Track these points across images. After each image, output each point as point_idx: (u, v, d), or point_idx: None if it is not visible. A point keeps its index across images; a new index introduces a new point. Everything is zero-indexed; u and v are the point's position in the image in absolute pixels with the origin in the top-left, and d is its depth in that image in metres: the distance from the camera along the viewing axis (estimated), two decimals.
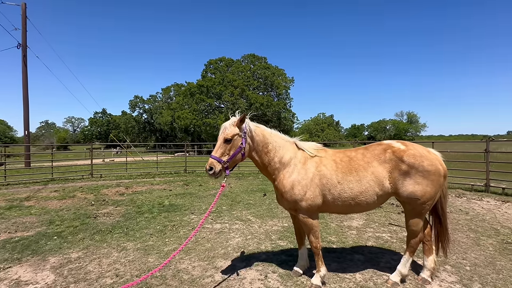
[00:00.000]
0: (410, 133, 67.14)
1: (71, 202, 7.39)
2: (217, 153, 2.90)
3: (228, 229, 5.14)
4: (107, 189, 9.40)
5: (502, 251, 4.03)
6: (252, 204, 7.07)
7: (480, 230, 4.93)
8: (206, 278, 3.34)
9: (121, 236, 4.80)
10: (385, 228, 5.09)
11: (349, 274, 3.37)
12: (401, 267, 3.12)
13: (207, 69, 41.38)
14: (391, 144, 3.07)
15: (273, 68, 40.17)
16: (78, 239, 4.63)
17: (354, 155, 3.09)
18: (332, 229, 5.05)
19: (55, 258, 3.93)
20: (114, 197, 8.12)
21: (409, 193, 2.85)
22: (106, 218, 5.89)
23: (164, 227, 5.25)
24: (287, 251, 4.10)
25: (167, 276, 3.40)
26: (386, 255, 3.93)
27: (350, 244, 4.33)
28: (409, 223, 3.02)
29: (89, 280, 3.31)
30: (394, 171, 2.90)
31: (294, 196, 2.94)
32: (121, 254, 4.06)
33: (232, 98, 35.58)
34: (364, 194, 2.90)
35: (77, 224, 5.44)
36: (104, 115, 71.64)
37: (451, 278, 3.28)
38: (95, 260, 3.85)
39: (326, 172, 2.97)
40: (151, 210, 6.46)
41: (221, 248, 4.23)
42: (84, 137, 69.27)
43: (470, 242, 4.38)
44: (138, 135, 56.25)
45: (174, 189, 9.40)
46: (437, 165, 2.88)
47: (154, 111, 53.42)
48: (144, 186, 9.93)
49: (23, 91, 15.80)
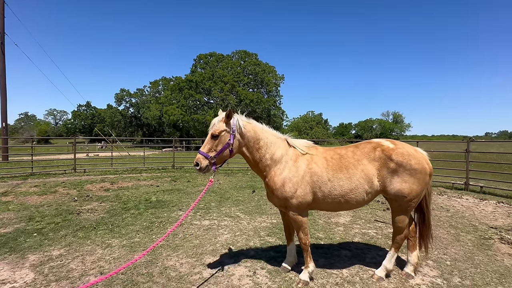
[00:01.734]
0: (395, 132, 69.05)
1: (53, 198, 7.11)
2: (204, 148, 2.89)
3: (216, 225, 5.10)
4: (91, 184, 9.11)
5: (480, 246, 4.22)
6: (241, 200, 7.05)
7: (460, 227, 5.14)
8: (194, 275, 3.30)
9: (105, 232, 4.66)
10: (371, 225, 5.21)
11: (336, 269, 3.43)
12: (387, 262, 3.21)
13: (196, 64, 40.75)
14: (380, 143, 3.12)
15: (263, 65, 40.06)
16: (60, 236, 4.46)
17: (345, 153, 3.12)
18: (320, 225, 5.12)
19: (35, 255, 3.77)
20: (99, 192, 7.88)
21: (396, 191, 2.91)
22: (90, 214, 5.70)
23: (151, 224, 5.15)
24: (275, 247, 4.12)
25: (154, 273, 3.33)
26: (372, 250, 4.02)
27: (337, 240, 4.41)
28: (395, 219, 3.09)
29: (72, 278, 3.20)
30: (382, 169, 2.95)
31: (284, 193, 2.94)
32: (106, 251, 3.95)
33: (222, 94, 35.25)
34: (354, 192, 2.94)
35: (58, 220, 5.24)
36: (88, 108, 69.19)
37: (433, 272, 3.40)
38: (78, 258, 3.72)
39: (317, 169, 2.99)
40: (137, 206, 6.31)
41: (210, 245, 4.19)
42: (67, 130, 66.71)
43: (451, 238, 4.57)
44: (124, 129, 54.73)
45: (162, 185, 9.23)
46: (423, 164, 2.96)
47: (141, 105, 52.14)
48: (130, 182, 9.70)
49: (1, 80, 14.96)
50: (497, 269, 3.50)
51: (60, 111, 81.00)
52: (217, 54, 40.60)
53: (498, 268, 3.52)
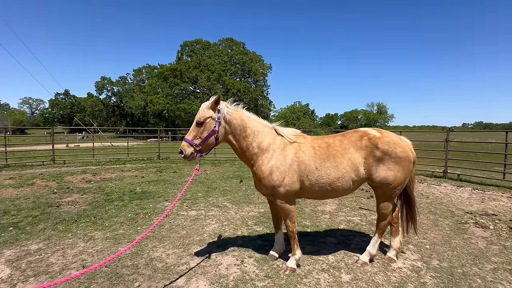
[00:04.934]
0: (379, 123, 70.84)
1: (30, 190, 6.77)
2: (189, 136, 2.83)
3: (204, 215, 5.06)
4: (71, 176, 8.75)
5: (457, 230, 4.45)
6: (228, 190, 7.02)
7: (439, 212, 5.38)
8: (181, 265, 3.27)
9: (88, 225, 4.51)
10: (356, 212, 5.35)
11: (323, 256, 3.51)
12: (370, 247, 3.31)
13: (182, 51, 39.47)
14: (367, 132, 3.15)
15: (251, 54, 39.45)
16: (38, 230, 4.27)
17: (332, 141, 3.13)
18: (307, 213, 5.20)
19: (10, 250, 3.59)
20: (80, 184, 7.59)
21: (381, 178, 2.97)
22: (70, 207, 5.49)
23: (136, 215, 5.03)
24: (263, 236, 4.15)
25: (140, 265, 3.26)
26: (357, 237, 4.14)
27: (324, 228, 4.49)
28: (379, 206, 3.17)
29: (52, 273, 3.07)
30: (369, 157, 2.99)
31: (272, 182, 2.92)
32: (88, 244, 3.82)
33: (209, 83, 34.53)
34: (340, 180, 2.97)
35: (36, 213, 5.01)
36: (67, 97, 65.77)
37: (414, 256, 3.55)
38: (59, 251, 3.58)
39: (304, 158, 2.98)
40: (121, 198, 6.14)
41: (197, 235, 4.16)
42: (44, 120, 63.27)
43: (430, 223, 4.78)
44: (107, 119, 52.75)
45: (147, 176, 9.02)
46: (408, 152, 3.02)
47: (124, 94, 50.27)
48: (113, 173, 9.40)
49: None
50: (472, 251, 3.71)
51: (36, 100, 76.53)
52: (203, 42, 39.44)
53: (473, 250, 3.72)
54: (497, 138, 21.19)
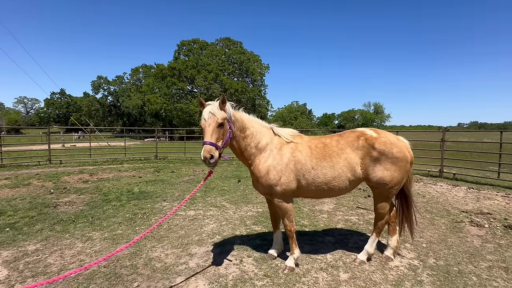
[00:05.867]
0: (376, 123, 71.25)
1: (26, 191, 6.72)
2: (212, 139, 2.68)
3: (202, 215, 5.07)
4: (68, 176, 8.69)
5: (452, 229, 4.51)
6: (226, 190, 7.03)
7: (435, 211, 5.45)
8: (180, 265, 3.27)
9: (85, 225, 4.49)
10: (353, 211, 5.39)
11: (321, 255, 3.53)
12: (368, 246, 3.34)
13: (179, 50, 39.28)
14: (364, 132, 3.18)
15: (248, 54, 39.41)
16: (36, 230, 4.24)
17: (329, 141, 3.16)
18: (305, 213, 5.23)
19: (8, 251, 3.56)
20: (77, 184, 7.55)
21: (378, 178, 3.00)
22: (68, 207, 5.46)
23: (134, 215, 5.01)
24: (261, 235, 4.16)
25: (138, 265, 3.26)
26: (354, 236, 4.17)
27: (322, 227, 4.53)
28: (377, 206, 3.20)
29: (50, 274, 3.06)
30: (365, 158, 3.02)
31: (269, 181, 2.95)
32: (86, 244, 3.80)
33: (206, 83, 34.44)
34: (337, 180, 3.00)
35: (33, 214, 4.97)
36: (62, 96, 65.16)
37: (410, 254, 3.59)
38: (56, 252, 3.56)
39: (301, 157, 3.02)
40: (119, 198, 6.12)
41: (195, 235, 4.16)
42: (40, 119, 62.63)
43: (426, 222, 4.83)
44: (103, 119, 52.34)
45: (144, 176, 8.99)
46: (405, 152, 3.05)
47: (121, 93, 49.92)
48: (111, 173, 9.36)
49: None
50: (467, 249, 3.76)
51: (31, 99, 75.82)
52: (200, 41, 39.30)
53: (468, 249, 3.78)
54: (492, 138, 21.45)
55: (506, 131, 8.77)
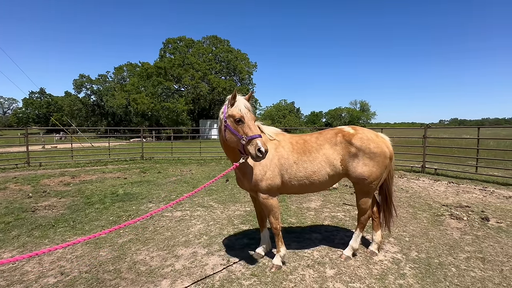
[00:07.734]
0: (362, 120, 72.74)
1: (2, 195, 6.39)
2: (258, 131, 2.73)
3: (189, 216, 4.99)
4: (48, 179, 8.34)
5: (434, 222, 4.67)
6: (214, 190, 6.97)
7: (417, 206, 5.62)
8: (165, 267, 3.21)
9: (66, 230, 4.32)
10: (340, 208, 5.48)
11: (308, 252, 3.57)
12: (353, 242, 3.41)
13: (165, 49, 38.50)
14: (342, 129, 3.29)
15: (235, 52, 39.16)
16: (12, 237, 4.04)
17: (309, 138, 3.28)
18: (292, 211, 5.26)
19: None
20: (58, 187, 7.26)
21: (357, 174, 3.08)
22: (47, 212, 5.23)
23: (118, 218, 4.88)
24: (249, 234, 4.15)
25: (122, 269, 3.17)
26: (341, 232, 4.24)
27: (309, 224, 4.57)
28: (359, 201, 3.28)
29: (27, 282, 2.92)
30: (345, 154, 3.11)
31: (254, 176, 2.96)
32: (67, 249, 3.66)
33: (193, 81, 33.93)
34: (317, 174, 3.08)
35: (10, 219, 4.74)
36: (42, 96, 62.48)
37: (394, 248, 3.69)
38: (35, 259, 3.40)
39: (283, 153, 3.09)
40: (102, 200, 5.93)
41: (182, 236, 4.10)
42: (18, 120, 59.82)
43: (409, 216, 4.98)
44: (86, 119, 50.52)
45: (130, 177, 8.76)
46: (383, 148, 3.13)
47: (105, 92, 48.34)
48: (94, 175, 9.06)
49: None
50: (447, 242, 3.91)
51: (8, 99, 72.51)
52: (187, 39, 38.64)
53: (448, 241, 3.92)
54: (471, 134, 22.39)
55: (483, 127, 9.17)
